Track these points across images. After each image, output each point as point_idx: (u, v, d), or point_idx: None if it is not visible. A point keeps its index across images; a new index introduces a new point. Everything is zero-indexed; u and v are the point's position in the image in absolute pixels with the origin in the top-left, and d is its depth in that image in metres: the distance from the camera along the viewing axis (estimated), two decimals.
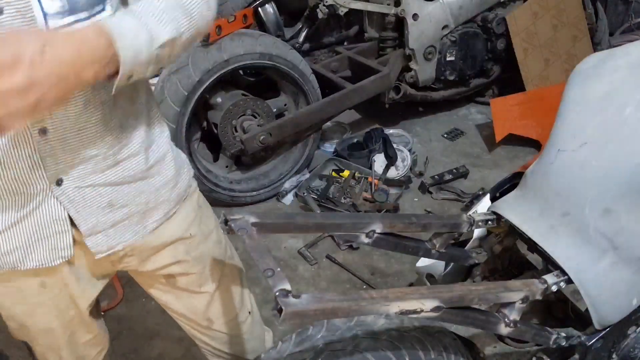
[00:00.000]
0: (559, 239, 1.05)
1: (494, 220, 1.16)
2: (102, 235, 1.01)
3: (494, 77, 3.56)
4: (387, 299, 0.84)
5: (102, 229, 1.00)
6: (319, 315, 0.80)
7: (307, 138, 2.96)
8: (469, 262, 1.23)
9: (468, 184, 2.99)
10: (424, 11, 3.12)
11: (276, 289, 0.77)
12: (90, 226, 0.99)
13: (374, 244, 1.05)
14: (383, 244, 1.07)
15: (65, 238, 0.98)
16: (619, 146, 1.01)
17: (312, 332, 1.08)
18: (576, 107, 1.08)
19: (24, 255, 0.97)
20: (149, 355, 2.06)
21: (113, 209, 1.00)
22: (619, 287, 1.06)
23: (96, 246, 1.02)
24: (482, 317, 0.99)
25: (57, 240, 0.98)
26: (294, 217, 0.98)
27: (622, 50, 1.12)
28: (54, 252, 0.99)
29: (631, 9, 4.19)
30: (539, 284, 1.02)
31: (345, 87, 2.91)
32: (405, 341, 1.05)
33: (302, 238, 2.58)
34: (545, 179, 1.09)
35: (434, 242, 1.14)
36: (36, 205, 0.94)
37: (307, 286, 2.35)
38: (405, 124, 3.53)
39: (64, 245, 0.99)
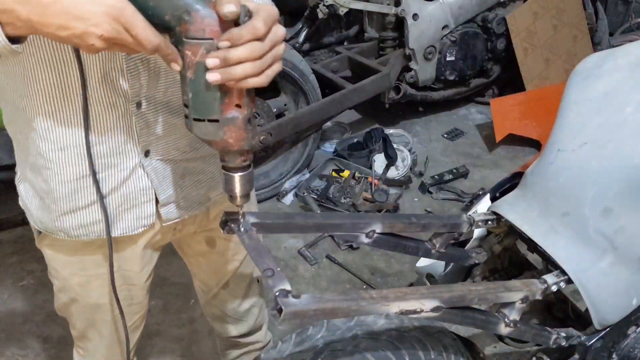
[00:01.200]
0: (559, 239, 1.05)
1: (494, 220, 1.16)
2: (174, 204, 1.06)
3: (494, 77, 3.56)
4: (387, 299, 0.85)
5: (175, 199, 1.06)
6: (319, 316, 0.80)
7: (307, 138, 2.96)
8: (469, 262, 1.23)
9: (468, 184, 2.99)
10: (424, 11, 3.12)
11: (276, 289, 0.77)
12: (167, 196, 1.04)
13: (374, 244, 1.05)
14: (383, 244, 1.07)
15: (149, 207, 1.03)
16: (619, 146, 1.01)
17: (311, 332, 1.08)
18: (576, 107, 1.08)
19: (111, 224, 1.00)
20: (149, 354, 2.06)
21: (186, 180, 1.06)
22: (618, 287, 1.06)
23: (168, 214, 1.07)
24: (482, 317, 0.99)
25: (142, 210, 1.03)
26: (294, 217, 0.98)
27: (622, 50, 1.12)
28: (138, 221, 1.04)
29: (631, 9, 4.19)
30: (538, 284, 1.02)
31: (345, 87, 2.91)
32: (405, 341, 1.05)
33: (302, 238, 2.58)
34: (545, 179, 1.09)
35: (434, 242, 1.14)
36: (127, 177, 0.98)
37: (307, 286, 2.35)
38: (405, 124, 3.53)
39: (148, 214, 1.04)
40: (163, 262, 1.61)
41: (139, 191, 1.01)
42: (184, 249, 1.31)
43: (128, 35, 0.68)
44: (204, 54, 0.70)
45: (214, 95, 0.74)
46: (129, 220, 1.03)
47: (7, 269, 2.42)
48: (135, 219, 1.03)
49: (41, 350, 2.06)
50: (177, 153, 1.02)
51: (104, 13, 0.66)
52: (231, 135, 0.77)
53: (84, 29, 0.67)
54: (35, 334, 2.12)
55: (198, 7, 0.69)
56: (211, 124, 0.76)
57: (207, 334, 2.12)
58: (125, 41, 0.69)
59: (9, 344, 2.09)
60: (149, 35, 0.69)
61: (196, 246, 1.27)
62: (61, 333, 2.07)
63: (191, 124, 0.77)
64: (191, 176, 1.06)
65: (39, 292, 2.28)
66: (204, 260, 1.31)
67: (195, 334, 2.14)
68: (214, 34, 0.70)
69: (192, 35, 0.70)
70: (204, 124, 0.76)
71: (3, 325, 2.17)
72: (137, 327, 1.24)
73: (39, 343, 2.09)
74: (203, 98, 0.74)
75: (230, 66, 0.71)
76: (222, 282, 1.34)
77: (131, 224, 1.03)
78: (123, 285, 1.13)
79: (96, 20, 0.66)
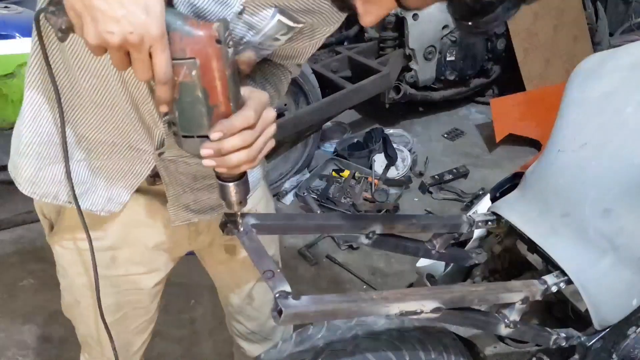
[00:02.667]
0: (559, 239, 1.05)
1: (494, 220, 1.16)
2: (183, 206, 1.04)
3: (494, 77, 3.56)
4: (387, 300, 0.85)
5: (185, 201, 1.04)
6: (319, 317, 0.80)
7: (307, 138, 2.96)
8: (469, 262, 1.22)
9: (468, 184, 2.99)
10: (424, 11, 3.10)
11: (276, 291, 0.77)
12: (176, 195, 1.02)
13: (374, 245, 1.05)
14: (383, 244, 1.07)
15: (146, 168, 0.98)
16: (619, 146, 1.01)
17: (312, 332, 1.08)
18: (576, 108, 1.08)
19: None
20: (149, 355, 2.06)
21: (197, 183, 1.04)
22: (618, 288, 1.06)
23: (177, 215, 1.05)
24: (482, 318, 0.99)
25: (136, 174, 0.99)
26: (294, 217, 0.98)
27: (622, 50, 1.12)
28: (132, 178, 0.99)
29: (631, 9, 4.19)
30: (539, 284, 1.02)
31: (345, 87, 2.91)
32: (405, 341, 1.05)
33: (302, 238, 2.58)
34: (545, 179, 1.09)
35: (434, 243, 1.14)
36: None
37: (307, 286, 2.35)
38: (405, 124, 3.53)
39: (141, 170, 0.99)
40: None
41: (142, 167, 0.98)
42: (206, 258, 1.30)
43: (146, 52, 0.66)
44: (187, 74, 0.69)
45: (200, 112, 0.73)
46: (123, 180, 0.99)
47: (7, 269, 2.42)
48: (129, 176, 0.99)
49: (41, 350, 2.06)
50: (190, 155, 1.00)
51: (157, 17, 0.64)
52: None
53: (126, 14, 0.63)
54: (35, 334, 2.12)
55: (176, 27, 0.68)
56: (201, 139, 0.75)
57: (207, 335, 2.12)
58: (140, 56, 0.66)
59: (9, 344, 2.08)
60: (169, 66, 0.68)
61: (217, 254, 1.25)
62: (62, 333, 2.07)
63: (180, 141, 0.76)
64: (203, 180, 1.04)
65: (39, 292, 2.28)
66: (225, 269, 1.29)
67: (195, 335, 2.14)
68: (195, 53, 0.69)
69: (173, 55, 0.68)
70: (193, 140, 0.75)
71: (3, 325, 2.16)
72: (141, 330, 1.23)
73: (39, 343, 2.09)
74: (190, 116, 0.74)
75: (224, 155, 0.75)
76: (245, 294, 1.32)
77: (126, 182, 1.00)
78: (128, 290, 1.12)
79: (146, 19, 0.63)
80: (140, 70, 0.67)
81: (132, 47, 0.64)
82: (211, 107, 0.73)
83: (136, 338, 1.22)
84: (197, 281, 1.38)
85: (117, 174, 0.97)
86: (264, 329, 1.39)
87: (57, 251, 1.10)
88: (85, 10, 0.62)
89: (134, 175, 0.98)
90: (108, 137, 0.93)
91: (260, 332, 1.40)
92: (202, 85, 0.71)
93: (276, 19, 0.83)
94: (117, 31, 0.62)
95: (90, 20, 0.63)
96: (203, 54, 0.69)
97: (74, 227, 1.02)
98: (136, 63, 0.66)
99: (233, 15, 0.79)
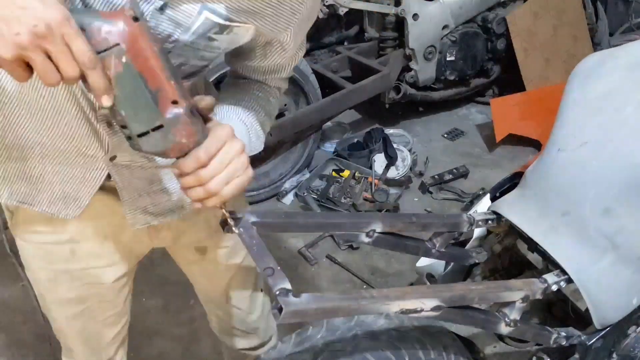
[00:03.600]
0: (559, 238, 1.05)
1: (494, 219, 1.16)
2: (141, 210, 1.03)
3: (494, 77, 3.56)
4: (388, 298, 0.85)
5: (142, 204, 1.02)
6: (320, 315, 0.80)
7: (307, 138, 2.96)
8: (469, 261, 1.23)
9: (468, 184, 2.99)
10: (424, 11, 3.12)
11: (276, 288, 0.77)
12: (132, 199, 1.00)
13: (374, 243, 1.05)
14: (383, 243, 1.07)
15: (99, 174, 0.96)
16: (619, 146, 1.01)
17: (311, 332, 1.08)
18: (576, 107, 1.08)
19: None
20: (148, 354, 2.06)
21: (153, 186, 1.02)
22: (619, 287, 1.06)
23: (134, 219, 1.03)
24: (482, 317, 0.99)
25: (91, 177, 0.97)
26: (294, 216, 0.98)
27: (622, 50, 1.12)
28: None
29: (631, 9, 4.18)
30: (539, 283, 1.02)
31: (345, 87, 2.91)
32: (405, 341, 1.05)
33: (302, 238, 2.58)
34: (545, 178, 1.09)
35: (434, 242, 1.14)
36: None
37: (307, 286, 2.35)
38: (405, 124, 3.53)
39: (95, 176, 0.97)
40: (163, 261, 1.61)
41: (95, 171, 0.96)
42: (178, 259, 1.29)
43: (62, 41, 0.63)
44: (117, 63, 0.67)
45: (146, 101, 0.70)
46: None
47: (7, 269, 2.41)
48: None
49: (41, 350, 2.06)
50: (144, 160, 0.98)
51: (54, 2, 0.62)
52: (182, 134, 0.74)
53: (24, 11, 0.60)
54: (36, 333, 2.12)
55: (91, 20, 0.66)
56: (157, 132, 0.73)
57: (207, 334, 2.11)
58: (57, 48, 0.63)
59: (9, 344, 2.08)
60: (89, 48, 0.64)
61: (187, 255, 1.25)
62: None
63: (137, 143, 0.74)
64: (160, 182, 1.03)
65: None
66: (197, 269, 1.29)
67: (195, 334, 2.14)
68: (118, 38, 0.66)
69: (97, 49, 0.66)
70: (150, 135, 0.73)
71: (3, 325, 2.16)
72: (111, 323, 1.21)
73: (39, 343, 2.08)
74: (136, 108, 0.71)
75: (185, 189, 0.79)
76: (222, 292, 1.31)
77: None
78: (89, 284, 1.11)
79: (44, 8, 0.61)
80: (65, 64, 0.64)
81: (44, 40, 0.61)
82: (154, 92, 0.70)
83: (106, 330, 1.21)
84: None
85: (73, 180, 0.96)
86: (245, 323, 1.39)
87: (20, 245, 1.10)
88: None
89: (89, 182, 0.96)
90: (58, 143, 0.90)
91: (241, 327, 1.40)
92: (137, 70, 0.68)
93: (203, 15, 0.80)
94: (23, 29, 0.60)
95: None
96: (126, 36, 0.67)
97: (32, 220, 1.03)
98: (58, 59, 0.63)
99: (154, 10, 0.78)
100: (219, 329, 1.44)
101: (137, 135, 0.73)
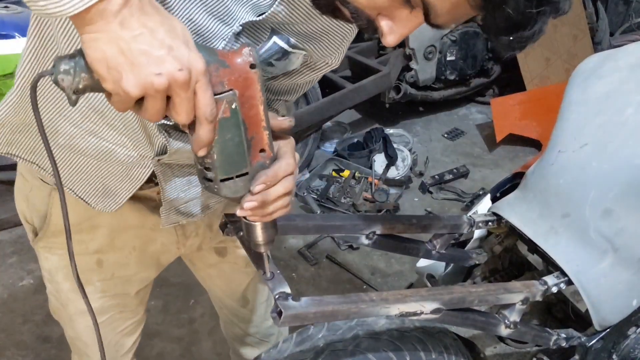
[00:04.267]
0: (559, 240, 1.05)
1: (494, 221, 1.16)
2: (174, 209, 1.02)
3: (494, 76, 3.56)
4: (387, 301, 0.84)
5: (177, 204, 1.01)
6: (319, 318, 0.80)
7: (307, 138, 2.96)
8: (469, 262, 1.22)
9: (468, 184, 2.99)
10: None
11: (276, 292, 0.77)
12: (170, 198, 0.99)
13: (374, 245, 1.05)
14: (383, 245, 1.07)
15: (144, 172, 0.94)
16: (619, 147, 1.00)
17: (312, 332, 1.08)
18: (577, 108, 1.08)
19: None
20: (148, 354, 2.06)
21: (190, 186, 1.01)
22: (619, 288, 1.06)
23: (167, 218, 1.02)
24: (483, 319, 0.99)
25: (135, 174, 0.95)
26: (294, 219, 0.98)
27: (622, 50, 1.12)
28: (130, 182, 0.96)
29: (631, 9, 4.18)
30: (539, 285, 1.02)
31: (345, 87, 2.91)
32: (406, 341, 1.05)
33: (302, 238, 2.58)
34: (546, 179, 1.09)
35: (434, 243, 1.14)
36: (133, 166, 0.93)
37: (307, 286, 2.35)
38: (405, 124, 3.53)
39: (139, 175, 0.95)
40: None
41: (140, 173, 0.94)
42: (196, 263, 1.28)
43: (192, 90, 0.59)
44: (226, 108, 0.64)
45: (241, 149, 0.67)
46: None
47: (7, 269, 2.42)
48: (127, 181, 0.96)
49: (41, 351, 2.06)
50: (188, 160, 0.96)
51: (196, 49, 0.59)
52: (262, 180, 0.72)
53: (170, 52, 0.56)
54: (35, 334, 2.12)
55: (210, 60, 0.62)
56: (240, 178, 0.70)
57: (207, 334, 2.12)
58: (186, 95, 0.59)
59: (9, 344, 2.08)
60: (213, 101, 0.61)
61: (207, 258, 1.24)
62: (61, 333, 2.05)
63: (218, 187, 0.70)
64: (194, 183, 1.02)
65: (39, 292, 2.28)
66: (215, 272, 1.28)
67: (195, 334, 2.14)
68: (233, 84, 0.63)
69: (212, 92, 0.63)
70: (233, 181, 0.70)
71: (3, 325, 2.16)
72: (130, 332, 1.22)
73: (39, 343, 2.08)
74: (231, 155, 0.67)
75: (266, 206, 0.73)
76: (239, 296, 1.31)
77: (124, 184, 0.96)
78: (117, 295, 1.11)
79: (189, 53, 0.57)
80: (184, 112, 0.60)
81: (179, 86, 0.58)
82: (249, 139, 0.68)
83: (125, 339, 1.22)
84: (196, 281, 1.37)
85: (116, 176, 0.95)
86: (260, 330, 1.38)
87: (42, 256, 1.08)
88: (123, 57, 0.56)
89: (132, 180, 0.95)
90: (105, 143, 0.89)
91: (257, 335, 1.39)
92: (242, 118, 0.66)
93: (272, 41, 0.79)
94: (165, 71, 0.56)
95: (131, 68, 0.56)
96: (241, 83, 0.64)
97: (61, 232, 0.98)
98: (181, 105, 0.59)
99: (232, 35, 0.75)
100: (233, 336, 1.42)
101: (221, 179, 0.69)
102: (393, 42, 0.69)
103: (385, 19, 0.67)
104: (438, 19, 0.65)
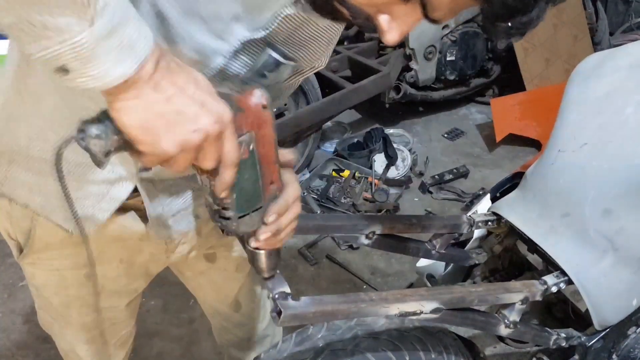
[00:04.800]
0: (559, 239, 1.05)
1: (494, 220, 1.16)
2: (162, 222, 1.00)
3: (494, 76, 3.56)
4: (387, 300, 0.84)
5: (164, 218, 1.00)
6: (318, 318, 0.80)
7: (307, 138, 2.96)
8: (469, 262, 1.22)
9: (468, 184, 2.99)
10: None
11: (275, 292, 0.77)
12: (156, 214, 0.98)
13: (374, 245, 1.05)
14: (383, 245, 1.07)
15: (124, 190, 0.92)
16: (619, 147, 1.00)
17: (312, 331, 1.08)
18: (576, 108, 1.08)
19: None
20: (148, 354, 2.06)
21: (176, 198, 0.99)
22: (619, 288, 1.06)
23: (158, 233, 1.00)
24: (482, 319, 0.99)
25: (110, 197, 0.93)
26: None
27: (622, 50, 1.12)
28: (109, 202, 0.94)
29: (631, 9, 4.18)
30: (539, 284, 1.02)
31: (345, 87, 2.91)
32: (405, 341, 1.05)
33: (302, 238, 2.58)
34: (546, 179, 1.09)
35: (434, 243, 1.14)
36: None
37: (307, 286, 2.35)
38: (405, 124, 3.53)
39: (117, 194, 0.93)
40: None
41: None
42: (184, 272, 1.26)
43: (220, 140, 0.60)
44: (245, 150, 0.65)
45: (258, 186, 0.70)
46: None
47: (7, 269, 2.42)
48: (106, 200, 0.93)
49: (41, 351, 2.06)
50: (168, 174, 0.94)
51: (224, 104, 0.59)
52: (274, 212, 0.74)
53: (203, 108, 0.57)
54: (35, 334, 2.12)
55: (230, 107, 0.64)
56: (256, 213, 0.72)
57: (206, 334, 2.11)
58: (216, 144, 0.60)
59: (9, 344, 2.08)
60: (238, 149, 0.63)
61: (196, 265, 1.22)
62: None
63: (235, 224, 0.71)
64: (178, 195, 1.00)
65: None
66: (205, 280, 1.26)
67: (194, 334, 2.14)
68: (250, 127, 0.65)
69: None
70: (249, 217, 0.71)
71: (3, 325, 2.16)
72: (123, 343, 1.22)
73: (39, 343, 2.08)
74: (249, 193, 0.70)
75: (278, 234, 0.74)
76: (231, 301, 1.29)
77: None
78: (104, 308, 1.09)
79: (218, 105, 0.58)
80: (213, 159, 0.61)
81: (213, 138, 0.59)
82: (261, 175, 0.70)
83: (118, 351, 1.22)
84: None
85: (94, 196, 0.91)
86: (255, 333, 1.37)
87: (29, 272, 1.06)
88: (160, 119, 0.56)
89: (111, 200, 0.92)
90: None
91: (252, 338, 1.38)
92: (258, 157, 0.68)
93: (267, 53, 0.79)
94: (201, 127, 0.57)
95: (167, 129, 0.56)
96: (257, 125, 0.66)
97: (46, 247, 0.99)
98: (210, 153, 0.60)
99: (232, 53, 0.76)
100: (227, 342, 1.41)
101: (239, 217, 0.71)
102: (393, 40, 0.69)
103: (384, 16, 0.67)
104: (436, 13, 0.65)
